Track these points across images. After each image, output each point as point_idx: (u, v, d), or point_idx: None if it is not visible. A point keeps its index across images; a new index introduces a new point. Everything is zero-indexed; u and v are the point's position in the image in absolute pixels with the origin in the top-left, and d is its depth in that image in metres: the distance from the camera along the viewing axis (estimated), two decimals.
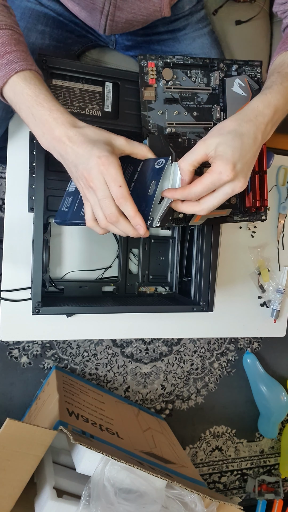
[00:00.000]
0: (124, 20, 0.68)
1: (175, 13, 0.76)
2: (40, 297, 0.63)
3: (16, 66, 0.49)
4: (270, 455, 1.32)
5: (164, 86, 0.62)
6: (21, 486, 0.62)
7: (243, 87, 0.65)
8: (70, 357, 1.05)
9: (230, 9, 0.89)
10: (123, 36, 0.79)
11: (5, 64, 0.49)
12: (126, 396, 1.11)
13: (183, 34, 0.79)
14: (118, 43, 0.81)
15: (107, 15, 0.67)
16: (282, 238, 0.97)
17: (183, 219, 0.64)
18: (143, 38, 0.79)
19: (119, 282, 0.82)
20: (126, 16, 0.67)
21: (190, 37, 0.79)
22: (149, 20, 0.70)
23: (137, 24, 0.70)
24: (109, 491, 0.65)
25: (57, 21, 0.71)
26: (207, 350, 1.20)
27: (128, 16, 0.67)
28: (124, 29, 0.72)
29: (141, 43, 0.80)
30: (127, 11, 0.66)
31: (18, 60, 0.49)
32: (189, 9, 0.77)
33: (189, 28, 0.79)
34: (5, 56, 0.49)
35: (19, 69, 0.49)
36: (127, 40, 0.79)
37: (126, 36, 0.78)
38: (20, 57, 0.50)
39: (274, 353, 1.27)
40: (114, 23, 0.69)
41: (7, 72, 0.49)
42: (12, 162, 0.73)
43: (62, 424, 0.65)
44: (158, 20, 0.75)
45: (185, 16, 0.78)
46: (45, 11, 0.70)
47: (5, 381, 1.01)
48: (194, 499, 0.72)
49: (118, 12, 0.66)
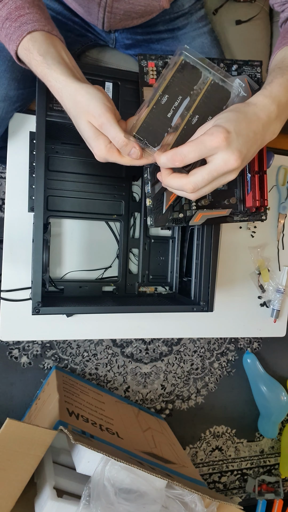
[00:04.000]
0: (122, 12, 0.68)
1: (174, 11, 0.76)
2: (40, 297, 0.63)
3: (28, 27, 0.49)
4: (270, 455, 1.32)
5: None
6: (21, 486, 0.62)
7: (243, 87, 0.65)
8: (70, 357, 1.05)
9: (230, 9, 0.89)
10: (123, 34, 0.78)
11: (18, 26, 0.49)
12: (126, 396, 1.11)
13: (183, 33, 0.79)
14: (118, 42, 0.80)
15: (105, 6, 0.67)
16: (282, 238, 0.97)
17: (183, 219, 0.64)
18: (143, 36, 0.79)
19: (119, 282, 0.82)
20: (124, 6, 0.67)
21: (190, 36, 0.79)
22: (147, 11, 0.69)
23: (135, 15, 0.70)
24: (109, 491, 0.65)
25: (56, 20, 0.71)
26: (207, 350, 1.20)
27: (126, 6, 0.67)
28: (123, 22, 0.72)
29: (141, 41, 0.80)
30: (124, 1, 0.66)
31: (31, 22, 0.50)
32: (188, 7, 0.77)
33: (189, 27, 0.79)
34: (19, 19, 0.50)
35: (31, 30, 0.49)
36: (127, 38, 0.79)
37: (125, 34, 0.78)
38: (33, 18, 0.50)
39: (274, 353, 1.27)
40: (112, 15, 0.69)
41: (20, 34, 0.49)
42: (12, 162, 0.73)
43: (62, 424, 0.65)
44: (157, 18, 0.75)
45: (185, 15, 0.78)
46: None
47: (5, 381, 1.01)
48: (194, 499, 0.72)
49: (116, 3, 0.66)
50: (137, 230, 0.83)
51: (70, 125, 0.63)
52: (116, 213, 0.81)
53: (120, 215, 0.81)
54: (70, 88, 0.48)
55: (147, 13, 0.71)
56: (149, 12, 0.70)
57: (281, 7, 0.64)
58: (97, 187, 0.79)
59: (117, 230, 0.83)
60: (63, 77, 0.49)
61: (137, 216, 0.83)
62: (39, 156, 0.61)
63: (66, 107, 0.51)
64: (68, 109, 0.51)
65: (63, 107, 0.52)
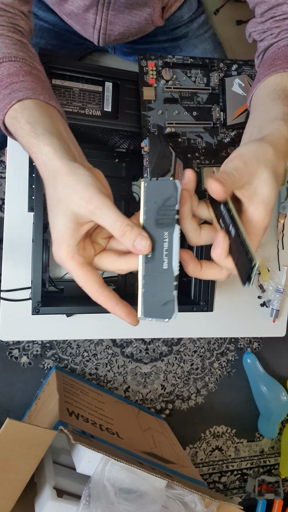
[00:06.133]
0: (116, 33, 0.68)
1: (174, 23, 0.75)
2: (40, 297, 0.63)
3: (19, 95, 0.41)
4: (270, 455, 1.32)
5: (164, 86, 0.62)
6: (21, 486, 0.62)
7: (243, 87, 0.65)
8: (70, 357, 1.05)
9: (231, 8, 0.89)
10: (121, 45, 0.78)
11: (8, 93, 0.42)
12: (126, 396, 1.11)
13: (184, 42, 0.78)
14: (117, 49, 0.80)
15: (99, 29, 0.67)
16: (282, 238, 0.97)
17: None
18: (143, 46, 0.78)
19: (119, 282, 0.82)
20: (118, 29, 0.67)
21: (192, 44, 0.78)
22: (142, 31, 0.69)
23: (130, 35, 0.70)
24: (109, 491, 0.65)
25: (53, 32, 0.71)
26: (207, 350, 1.20)
27: (121, 29, 0.67)
28: (118, 41, 0.71)
29: (141, 50, 0.79)
30: (119, 25, 0.66)
31: (23, 89, 0.42)
32: (188, 17, 0.76)
33: (190, 35, 0.78)
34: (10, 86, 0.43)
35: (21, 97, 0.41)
36: (126, 47, 0.79)
37: (124, 44, 0.78)
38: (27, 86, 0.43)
39: (274, 353, 1.27)
40: (107, 36, 0.69)
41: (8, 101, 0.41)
42: (12, 162, 0.73)
43: (62, 424, 0.65)
44: (157, 29, 0.74)
45: (185, 24, 0.77)
46: (40, 24, 0.70)
47: (5, 381, 1.01)
48: (194, 499, 0.72)
49: (110, 26, 0.66)
50: None
51: (70, 125, 0.64)
52: None
53: None
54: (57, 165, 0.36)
55: (142, 32, 0.70)
56: (144, 31, 0.70)
57: (261, 35, 0.56)
58: None
59: None
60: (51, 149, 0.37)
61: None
62: None
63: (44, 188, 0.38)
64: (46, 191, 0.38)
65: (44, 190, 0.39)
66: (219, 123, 0.66)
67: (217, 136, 0.66)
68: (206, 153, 0.65)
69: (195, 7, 0.76)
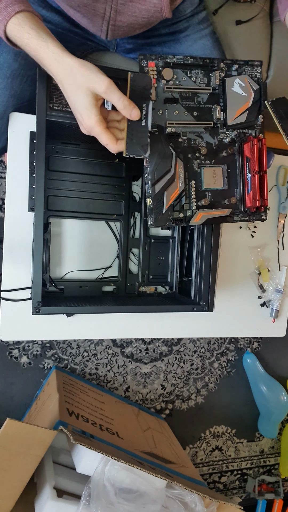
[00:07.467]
0: (125, 24, 0.68)
1: (176, 16, 0.76)
2: (40, 297, 0.63)
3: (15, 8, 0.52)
4: (270, 455, 1.32)
5: (164, 86, 0.62)
6: (21, 486, 0.62)
7: (243, 87, 0.65)
8: (70, 357, 1.05)
9: (231, 9, 0.89)
10: (124, 39, 0.78)
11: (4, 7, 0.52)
12: (126, 396, 1.11)
13: (184, 36, 0.79)
14: (119, 46, 0.80)
15: (109, 20, 0.67)
16: (282, 238, 0.97)
17: (183, 219, 0.64)
18: (144, 40, 0.79)
19: (119, 282, 0.82)
20: (127, 19, 0.67)
21: (192, 39, 0.79)
22: (150, 22, 0.70)
23: (138, 27, 0.70)
24: (109, 491, 0.65)
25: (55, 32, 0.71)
26: (207, 350, 1.20)
27: (130, 19, 0.67)
28: (126, 33, 0.72)
29: (142, 45, 0.80)
30: (128, 14, 0.66)
31: (16, 3, 0.52)
32: (190, 11, 0.77)
33: (190, 30, 0.79)
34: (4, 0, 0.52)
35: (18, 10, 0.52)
36: (128, 43, 0.79)
37: (127, 39, 0.78)
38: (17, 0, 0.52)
39: (274, 353, 1.27)
40: (115, 28, 0.69)
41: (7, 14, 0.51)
42: (12, 162, 0.73)
43: (62, 424, 0.65)
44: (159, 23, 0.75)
45: (187, 18, 0.77)
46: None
47: (5, 381, 1.01)
48: (194, 499, 0.72)
49: (120, 16, 0.66)
50: (137, 230, 0.83)
51: (71, 125, 0.64)
52: (116, 213, 0.81)
53: (120, 215, 0.81)
54: (70, 61, 0.51)
55: (150, 24, 0.71)
56: (152, 22, 0.70)
57: None
58: (97, 187, 0.79)
59: (117, 230, 0.83)
60: (59, 50, 0.51)
61: (137, 216, 0.83)
62: (39, 156, 0.61)
63: (60, 79, 0.53)
64: (63, 81, 0.53)
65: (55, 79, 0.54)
66: (220, 123, 0.66)
67: (217, 136, 0.66)
68: (206, 153, 0.65)
69: (197, 2, 0.77)
